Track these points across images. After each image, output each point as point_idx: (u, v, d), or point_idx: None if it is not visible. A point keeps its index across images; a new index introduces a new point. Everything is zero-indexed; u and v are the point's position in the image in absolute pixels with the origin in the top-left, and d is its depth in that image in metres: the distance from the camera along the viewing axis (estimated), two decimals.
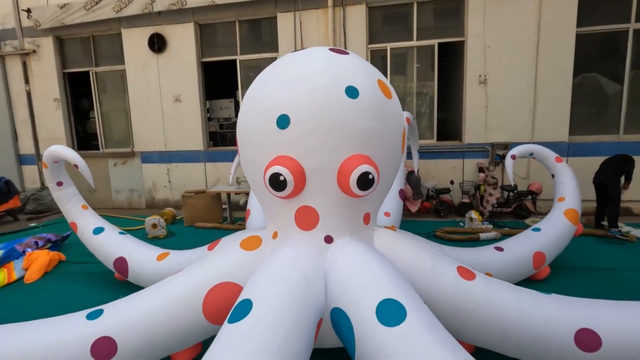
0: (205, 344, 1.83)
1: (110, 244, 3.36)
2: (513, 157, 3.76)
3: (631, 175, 4.73)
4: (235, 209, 6.31)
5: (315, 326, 1.85)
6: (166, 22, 6.59)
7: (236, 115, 7.70)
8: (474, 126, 5.85)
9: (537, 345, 1.99)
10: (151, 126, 6.99)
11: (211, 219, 5.85)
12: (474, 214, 5.03)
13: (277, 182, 2.00)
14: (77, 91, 7.86)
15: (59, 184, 3.58)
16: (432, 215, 5.85)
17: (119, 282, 3.47)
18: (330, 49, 2.26)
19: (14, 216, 6.52)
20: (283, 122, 2.02)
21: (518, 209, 5.50)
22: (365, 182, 1.99)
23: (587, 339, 1.89)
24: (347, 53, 2.29)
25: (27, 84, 7.39)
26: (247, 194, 5.44)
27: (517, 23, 5.47)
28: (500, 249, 3.12)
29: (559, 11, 5.33)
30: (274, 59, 6.51)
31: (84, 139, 8.07)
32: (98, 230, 3.46)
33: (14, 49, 7.29)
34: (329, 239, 2.16)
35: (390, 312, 1.66)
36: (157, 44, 6.66)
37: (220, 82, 7.80)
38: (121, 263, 3.23)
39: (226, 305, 1.94)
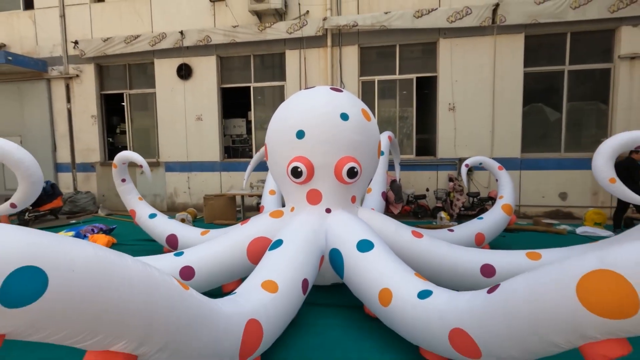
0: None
1: (162, 225, 4.48)
2: (467, 165, 5.02)
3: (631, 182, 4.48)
4: (247, 210, 7.44)
5: (319, 258, 3.00)
6: (193, 55, 7.92)
7: (247, 133, 8.98)
8: (445, 144, 7.14)
9: (459, 276, 3.16)
10: (175, 140, 8.20)
11: (227, 218, 6.96)
12: (443, 214, 6.22)
13: (296, 173, 3.20)
14: (110, 109, 9.10)
15: (123, 180, 4.75)
16: (411, 217, 7.03)
17: None
18: (331, 88, 3.51)
19: (55, 215, 7.57)
20: (300, 134, 3.23)
21: (481, 212, 6.70)
22: (352, 173, 3.19)
23: (487, 270, 3.05)
24: (342, 91, 3.54)
25: (69, 103, 8.62)
26: (259, 196, 6.61)
27: (477, 63, 6.87)
28: (451, 230, 4.30)
29: (510, 55, 6.75)
30: (282, 87, 7.85)
31: (112, 150, 9.23)
32: (152, 216, 4.60)
33: (59, 73, 8.57)
34: (328, 211, 3.33)
35: (365, 245, 2.83)
36: (184, 72, 7.97)
37: (235, 104, 9.10)
38: (173, 238, 4.34)
39: (261, 251, 3.09)
